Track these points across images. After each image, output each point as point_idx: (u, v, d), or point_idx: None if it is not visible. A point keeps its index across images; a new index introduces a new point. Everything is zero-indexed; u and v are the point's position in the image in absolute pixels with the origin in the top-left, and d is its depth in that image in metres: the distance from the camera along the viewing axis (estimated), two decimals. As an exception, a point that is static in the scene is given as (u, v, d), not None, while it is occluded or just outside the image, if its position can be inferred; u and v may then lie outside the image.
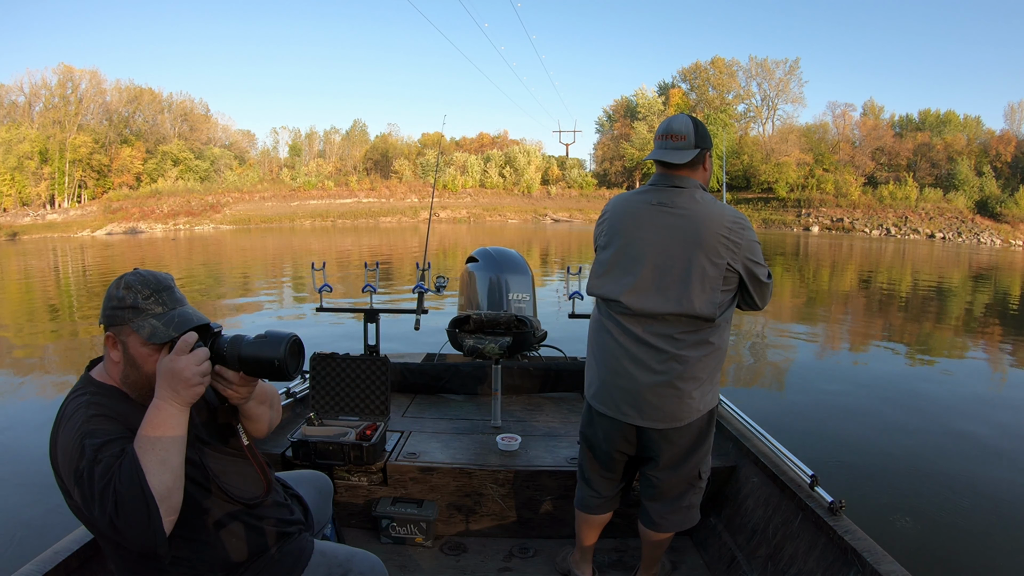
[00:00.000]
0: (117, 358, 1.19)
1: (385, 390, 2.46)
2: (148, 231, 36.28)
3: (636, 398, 1.70)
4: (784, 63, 53.67)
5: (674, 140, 1.68)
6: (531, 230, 36.64)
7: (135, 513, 1.01)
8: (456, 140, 60.83)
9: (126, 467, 1.03)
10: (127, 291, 1.18)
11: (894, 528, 3.11)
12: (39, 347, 7.54)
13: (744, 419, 2.46)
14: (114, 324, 1.18)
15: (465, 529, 2.32)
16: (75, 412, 1.13)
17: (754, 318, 8.95)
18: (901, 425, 4.73)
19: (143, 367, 1.17)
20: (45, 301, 11.38)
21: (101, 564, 1.53)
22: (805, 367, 6.67)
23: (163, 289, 1.20)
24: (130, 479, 1.02)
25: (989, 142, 46.48)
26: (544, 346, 3.32)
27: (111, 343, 1.19)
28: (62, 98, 45.38)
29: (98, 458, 1.05)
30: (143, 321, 1.17)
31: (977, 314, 10.97)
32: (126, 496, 1.01)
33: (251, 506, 1.29)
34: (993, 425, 4.81)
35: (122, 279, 1.20)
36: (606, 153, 56.14)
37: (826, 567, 1.65)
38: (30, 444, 4.09)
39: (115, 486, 1.02)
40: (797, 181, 45.66)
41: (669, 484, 1.78)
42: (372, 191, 47.45)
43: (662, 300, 1.65)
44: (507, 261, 3.29)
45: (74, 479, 1.06)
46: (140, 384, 1.18)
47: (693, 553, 2.21)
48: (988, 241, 37.75)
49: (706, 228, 1.63)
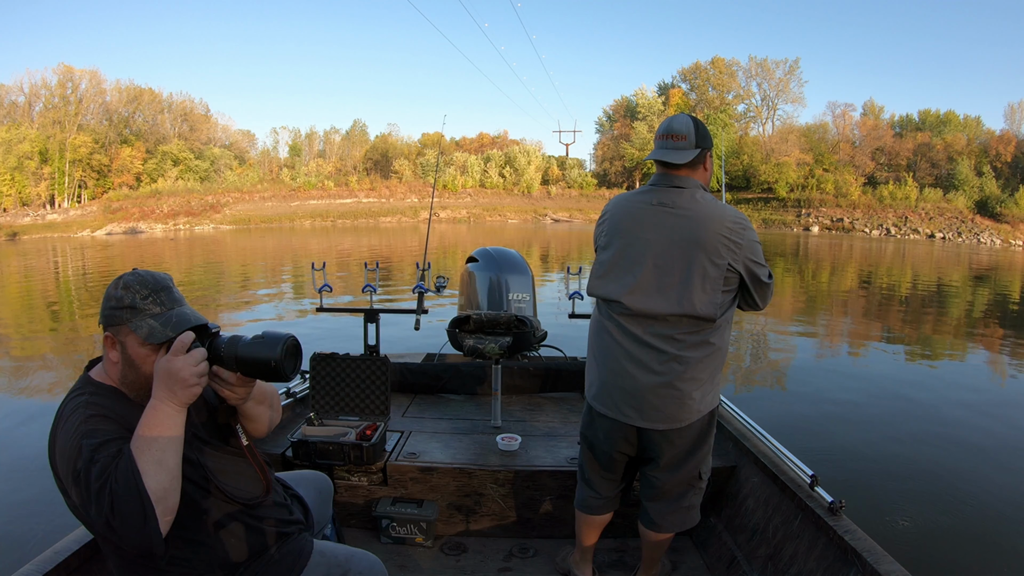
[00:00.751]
0: (116, 358, 1.19)
1: (385, 390, 2.46)
2: (148, 231, 36.27)
3: (637, 399, 1.70)
4: (784, 63, 53.70)
5: (674, 140, 1.68)
6: (531, 230, 36.65)
7: (131, 514, 1.01)
8: (456, 140, 60.84)
9: (122, 468, 1.03)
10: (125, 291, 1.18)
11: (894, 528, 3.11)
12: (39, 346, 7.54)
13: (744, 419, 2.46)
14: (112, 324, 1.18)
15: (465, 529, 2.32)
16: (73, 412, 1.13)
17: (754, 318, 8.95)
18: (901, 425, 4.73)
19: (141, 367, 1.17)
20: (45, 301, 11.38)
21: (101, 564, 1.53)
22: (805, 367, 6.67)
23: (161, 289, 1.20)
24: (126, 480, 1.02)
25: (989, 142, 46.48)
26: (544, 346, 3.32)
27: (110, 343, 1.19)
28: (62, 98, 45.38)
29: (95, 458, 1.05)
30: (141, 321, 1.16)
31: (977, 314, 10.97)
32: (122, 497, 1.01)
33: (250, 506, 1.29)
34: (994, 425, 4.81)
35: (121, 279, 1.20)
36: (606, 153, 56.14)
37: (826, 567, 1.65)
38: (30, 444, 4.09)
39: (111, 487, 1.02)
40: (797, 181, 45.66)
41: (669, 485, 1.78)
42: (372, 191, 47.44)
43: (663, 301, 1.65)
44: (507, 261, 3.29)
45: (72, 479, 1.06)
46: (138, 384, 1.18)
47: (693, 553, 2.21)
48: (988, 241, 37.74)
49: (707, 228, 1.63)
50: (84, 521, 1.14)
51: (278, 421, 1.47)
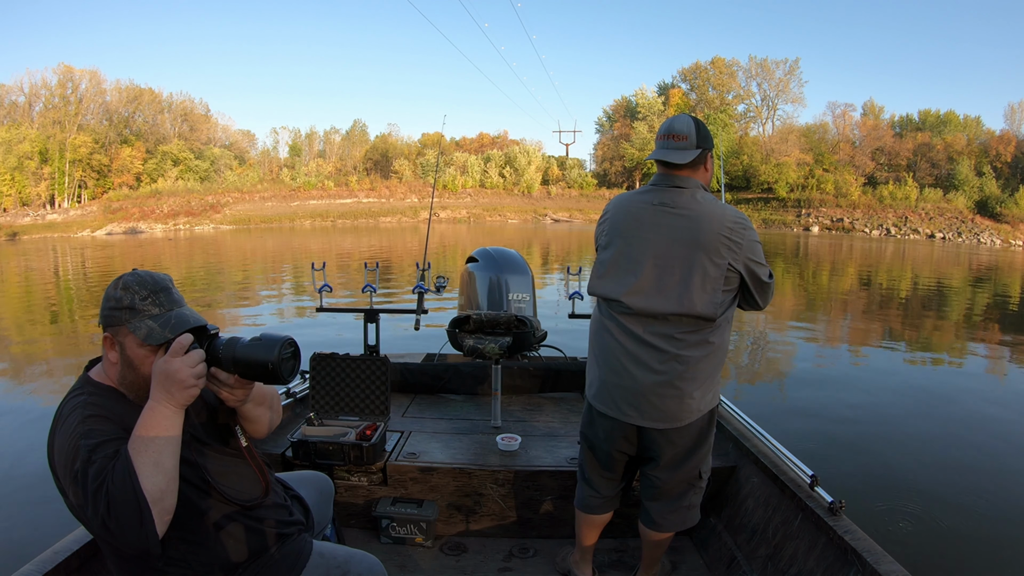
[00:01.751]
0: (114, 359, 1.19)
1: (385, 390, 2.46)
2: (148, 231, 36.27)
3: (637, 398, 1.70)
4: (784, 63, 53.68)
5: (675, 140, 1.69)
6: (531, 230, 36.65)
7: (127, 515, 1.01)
8: (456, 140, 60.84)
9: (119, 469, 1.03)
10: (124, 292, 1.18)
11: (894, 528, 3.11)
12: (38, 347, 7.54)
13: (744, 419, 2.46)
14: (111, 325, 1.18)
15: (465, 529, 2.32)
16: (72, 412, 1.13)
17: (754, 318, 8.95)
18: (901, 425, 4.73)
19: (140, 368, 1.17)
20: (45, 300, 11.38)
21: (101, 564, 1.53)
22: (805, 367, 6.67)
23: (160, 290, 1.20)
24: (123, 481, 1.01)
25: (989, 142, 46.47)
26: (544, 346, 3.32)
27: (109, 344, 1.19)
28: (62, 98, 45.37)
29: (92, 459, 1.05)
30: (140, 322, 1.16)
31: (977, 314, 10.97)
32: (118, 498, 1.01)
33: (249, 507, 1.28)
34: (994, 425, 4.81)
35: (120, 280, 1.20)
36: (606, 153, 56.14)
37: (826, 567, 1.65)
38: (30, 443, 4.09)
39: (108, 487, 1.01)
40: (797, 181, 45.65)
41: (670, 484, 1.79)
42: (372, 191, 47.43)
43: (663, 300, 1.65)
44: (507, 261, 3.29)
45: (70, 479, 1.06)
46: (137, 385, 1.18)
47: (693, 553, 2.21)
48: (988, 241, 37.74)
49: (707, 228, 1.63)
50: (82, 521, 1.14)
51: (278, 423, 1.47)
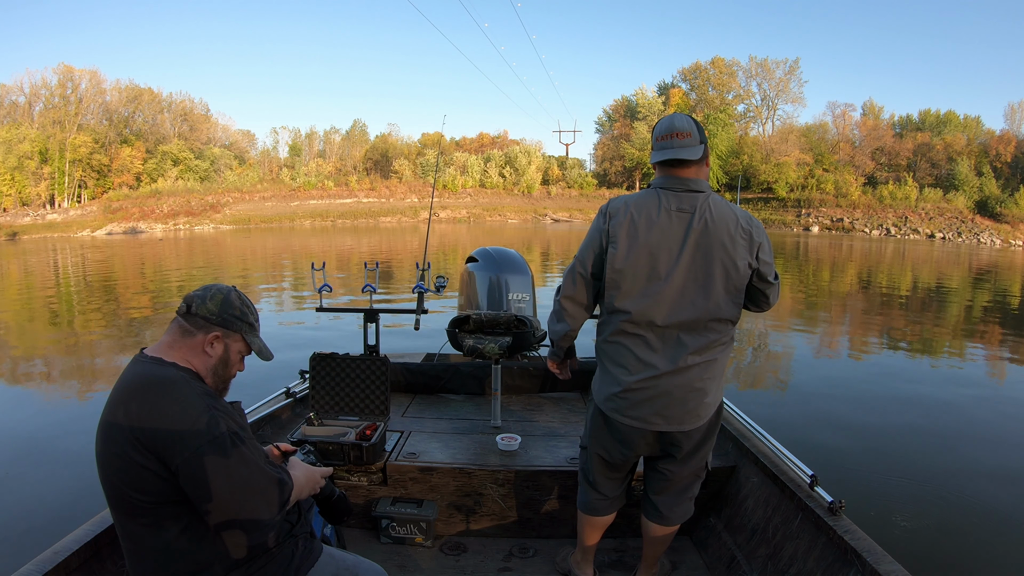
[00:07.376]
0: (215, 353, 1.33)
1: (385, 390, 2.46)
2: (148, 231, 36.28)
3: (664, 407, 1.69)
4: (784, 63, 53.75)
5: (680, 138, 1.66)
6: (531, 230, 36.65)
7: (257, 499, 1.21)
8: (456, 140, 60.86)
9: (273, 472, 1.26)
10: (247, 309, 1.38)
11: (894, 528, 3.11)
12: (39, 345, 7.54)
13: (744, 419, 2.46)
14: (229, 328, 1.34)
15: (465, 529, 2.32)
16: (186, 386, 1.22)
17: (754, 318, 8.94)
18: (901, 425, 4.72)
19: (231, 368, 1.37)
20: (44, 300, 11.37)
21: (101, 564, 1.53)
22: (805, 367, 6.67)
23: (256, 318, 1.42)
24: (266, 477, 1.24)
25: (989, 142, 46.50)
26: (544, 346, 3.31)
27: (216, 340, 1.32)
28: (62, 98, 45.41)
29: (240, 437, 1.22)
30: (254, 338, 1.39)
31: (977, 314, 10.97)
32: (256, 486, 1.21)
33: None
34: (994, 425, 4.81)
35: (239, 295, 1.39)
36: (606, 153, 56.15)
37: (826, 567, 1.65)
38: (29, 444, 4.09)
39: (251, 472, 1.21)
40: (797, 181, 45.67)
41: (680, 476, 1.81)
42: (372, 191, 47.47)
43: (690, 309, 1.64)
44: (507, 261, 3.29)
45: (207, 440, 1.16)
46: (223, 378, 1.36)
47: (693, 553, 2.21)
48: (988, 241, 37.76)
49: (726, 231, 1.63)
50: (161, 481, 1.17)
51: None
